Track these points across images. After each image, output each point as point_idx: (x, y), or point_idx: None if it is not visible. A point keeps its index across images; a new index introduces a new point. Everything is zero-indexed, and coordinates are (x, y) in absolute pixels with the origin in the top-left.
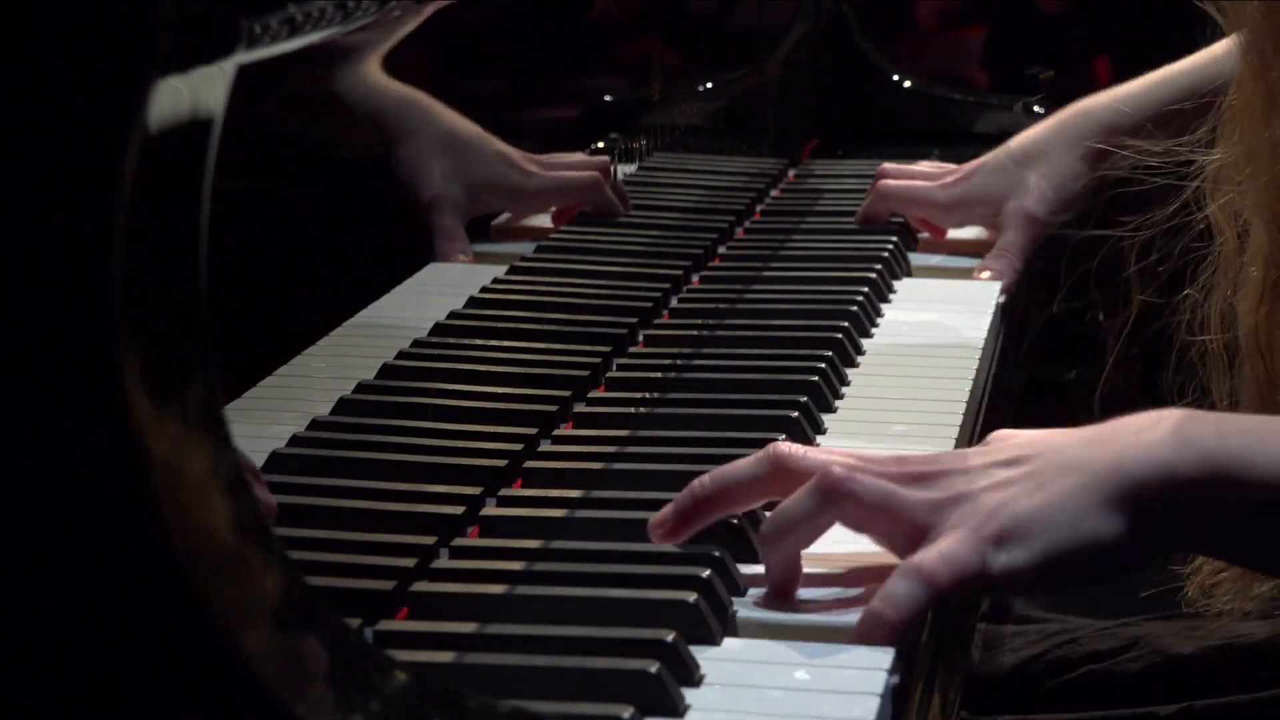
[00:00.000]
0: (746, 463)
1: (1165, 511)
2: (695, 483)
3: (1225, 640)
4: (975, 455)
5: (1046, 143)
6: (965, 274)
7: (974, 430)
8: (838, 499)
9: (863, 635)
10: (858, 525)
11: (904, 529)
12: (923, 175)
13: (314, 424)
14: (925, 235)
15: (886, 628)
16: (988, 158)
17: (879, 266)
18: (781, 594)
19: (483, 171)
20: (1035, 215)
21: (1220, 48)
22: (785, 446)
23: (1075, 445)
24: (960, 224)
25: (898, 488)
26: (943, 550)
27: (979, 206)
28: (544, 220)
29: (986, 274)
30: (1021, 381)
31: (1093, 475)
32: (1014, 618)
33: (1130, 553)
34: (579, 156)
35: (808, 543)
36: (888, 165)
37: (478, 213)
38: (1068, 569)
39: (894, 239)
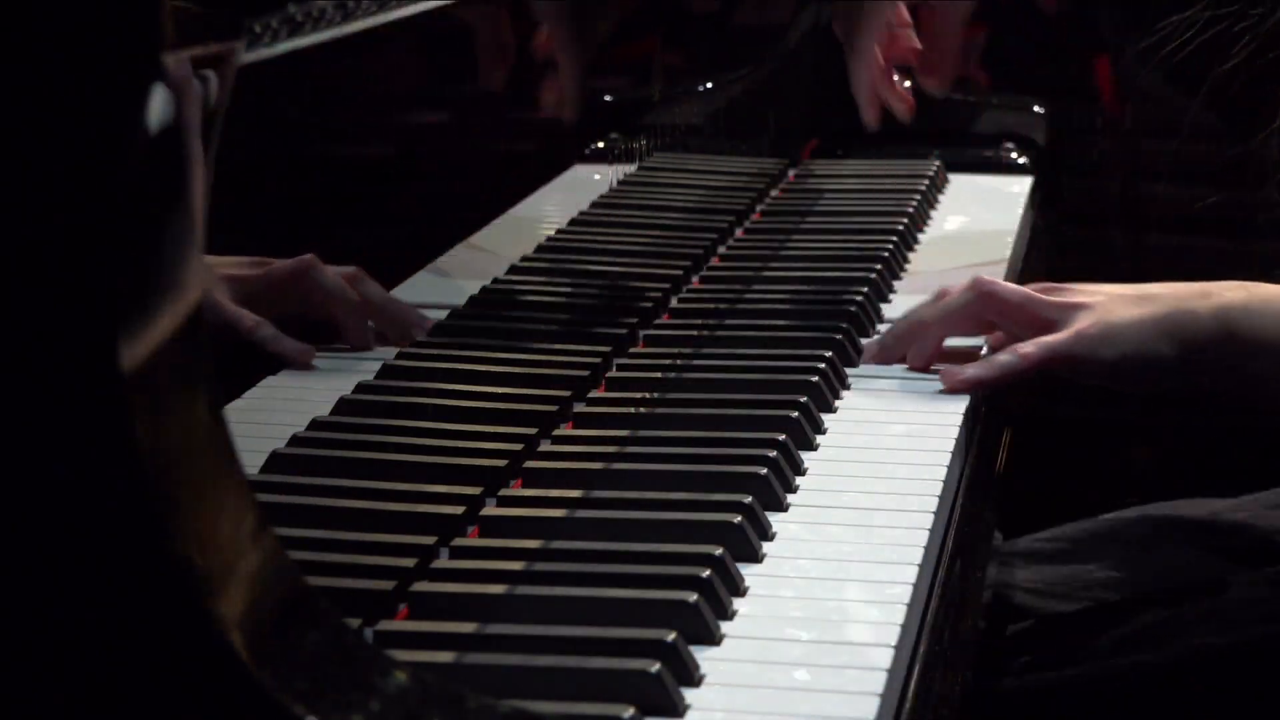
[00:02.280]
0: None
1: (1200, 352)
2: (911, 315)
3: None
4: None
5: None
6: None
7: (973, 428)
8: (987, 296)
9: (951, 385)
10: (1000, 315)
11: (1033, 322)
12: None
13: (314, 424)
14: None
15: (973, 381)
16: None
17: (879, 266)
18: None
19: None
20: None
21: None
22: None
23: (1163, 291)
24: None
25: (1034, 293)
26: (1043, 341)
27: None
28: None
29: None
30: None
31: (1164, 312)
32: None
33: (1173, 375)
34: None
35: (950, 332)
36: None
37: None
38: (1132, 374)
39: (894, 239)
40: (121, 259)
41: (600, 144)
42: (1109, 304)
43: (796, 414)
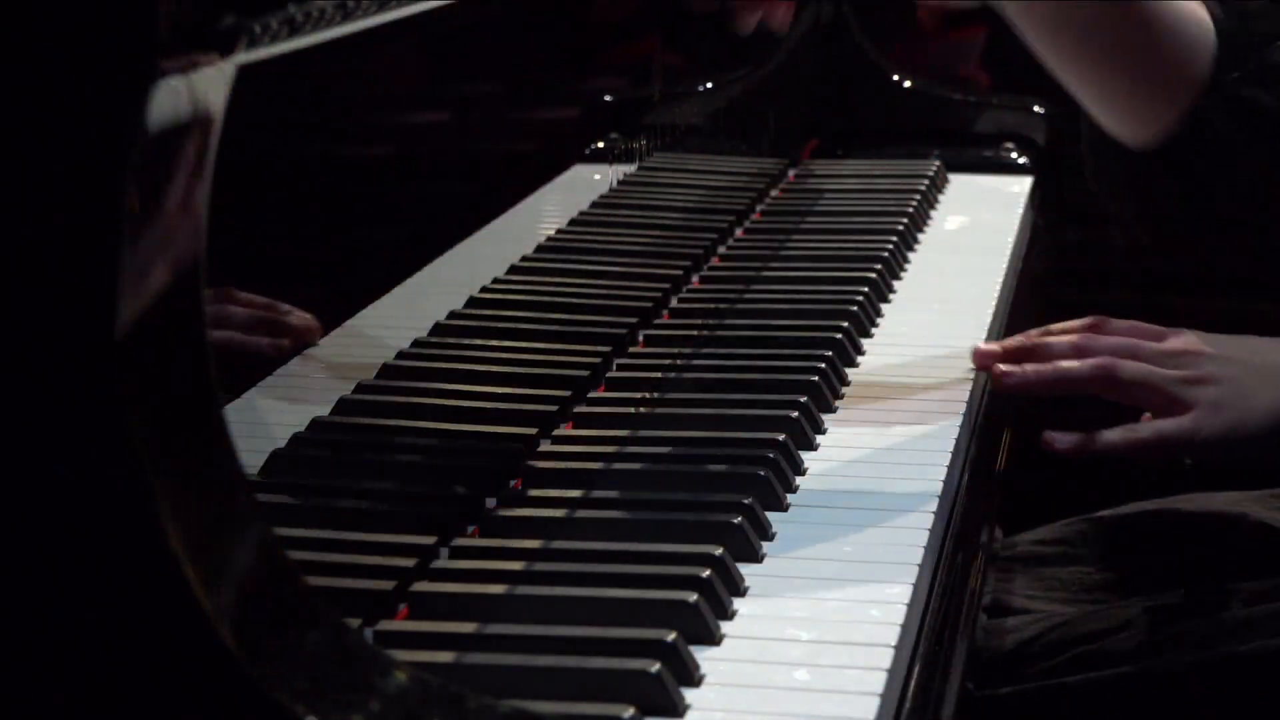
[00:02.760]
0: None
1: None
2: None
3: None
4: (1208, 340)
5: None
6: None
7: (973, 428)
8: (1106, 379)
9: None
10: (1121, 399)
11: (1153, 400)
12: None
13: (314, 424)
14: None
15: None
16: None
17: (879, 266)
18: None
19: None
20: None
21: None
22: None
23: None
24: None
25: (1155, 370)
26: (1162, 428)
27: None
28: None
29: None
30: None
31: None
32: (1014, 610)
33: None
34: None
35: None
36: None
37: None
38: (1253, 459)
39: (894, 239)
40: (121, 258)
41: (600, 144)
42: (1239, 382)
43: (796, 414)
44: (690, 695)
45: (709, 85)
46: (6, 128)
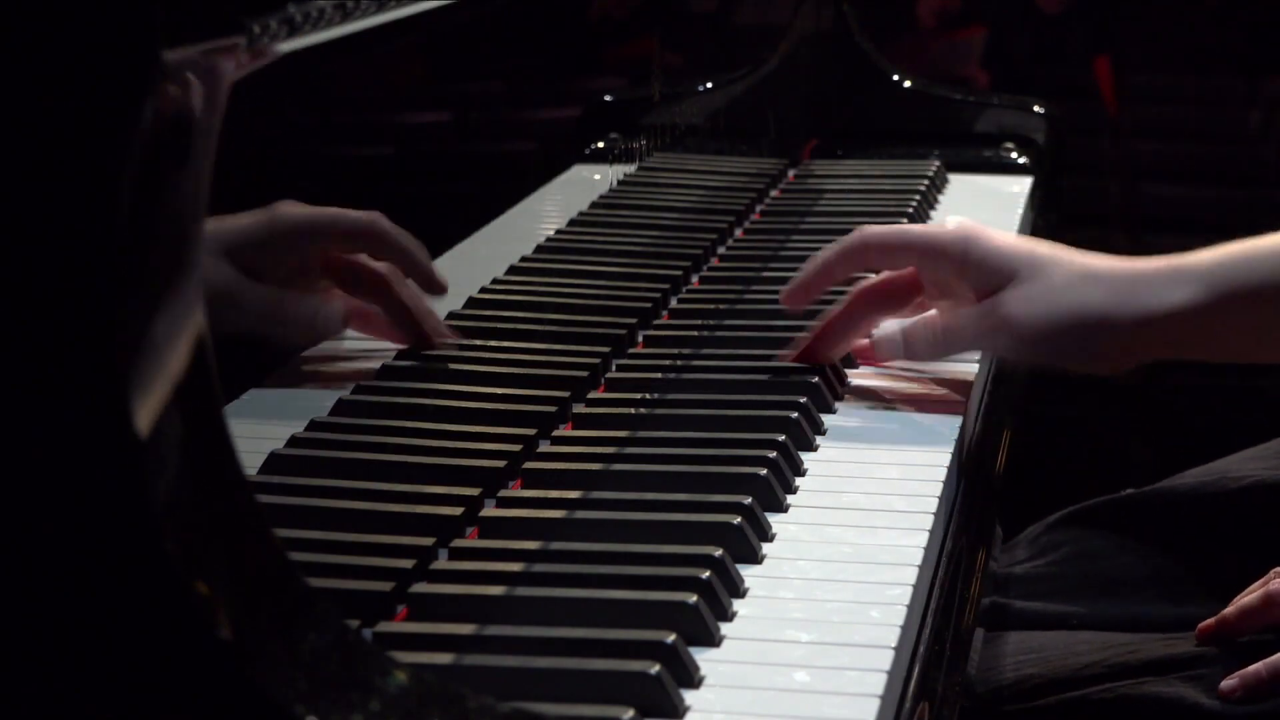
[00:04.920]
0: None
1: None
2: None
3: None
4: None
5: (1094, 263)
6: None
7: (973, 429)
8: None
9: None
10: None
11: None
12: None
13: (313, 424)
14: None
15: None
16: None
17: None
18: None
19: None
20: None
21: None
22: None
23: None
24: None
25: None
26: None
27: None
28: None
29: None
30: (1024, 378)
31: None
32: (1014, 621)
33: None
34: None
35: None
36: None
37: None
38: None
39: None
40: (120, 258)
41: (600, 144)
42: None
43: (796, 414)
44: (690, 697)
45: (709, 85)
46: (7, 128)
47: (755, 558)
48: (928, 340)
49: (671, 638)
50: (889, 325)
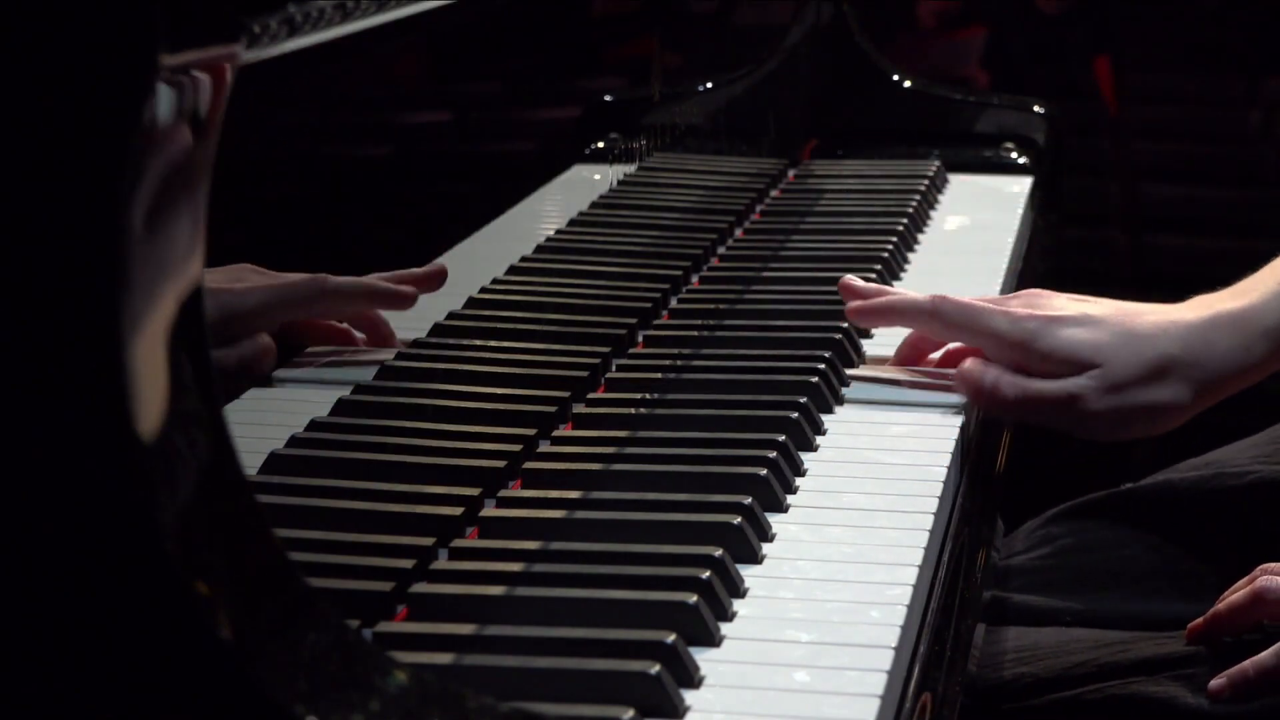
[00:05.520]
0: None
1: None
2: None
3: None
4: None
5: (1163, 346)
6: None
7: (973, 428)
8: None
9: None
10: None
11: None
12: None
13: (313, 424)
14: None
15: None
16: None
17: (879, 267)
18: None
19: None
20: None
21: None
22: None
23: None
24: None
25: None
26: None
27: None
28: None
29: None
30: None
31: None
32: (1012, 616)
33: None
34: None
35: None
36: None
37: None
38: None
39: (894, 239)
40: (121, 258)
41: (600, 144)
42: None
43: (796, 414)
44: (690, 697)
45: (709, 85)
46: (7, 128)
47: (755, 558)
48: (1012, 402)
49: (671, 638)
50: (979, 366)
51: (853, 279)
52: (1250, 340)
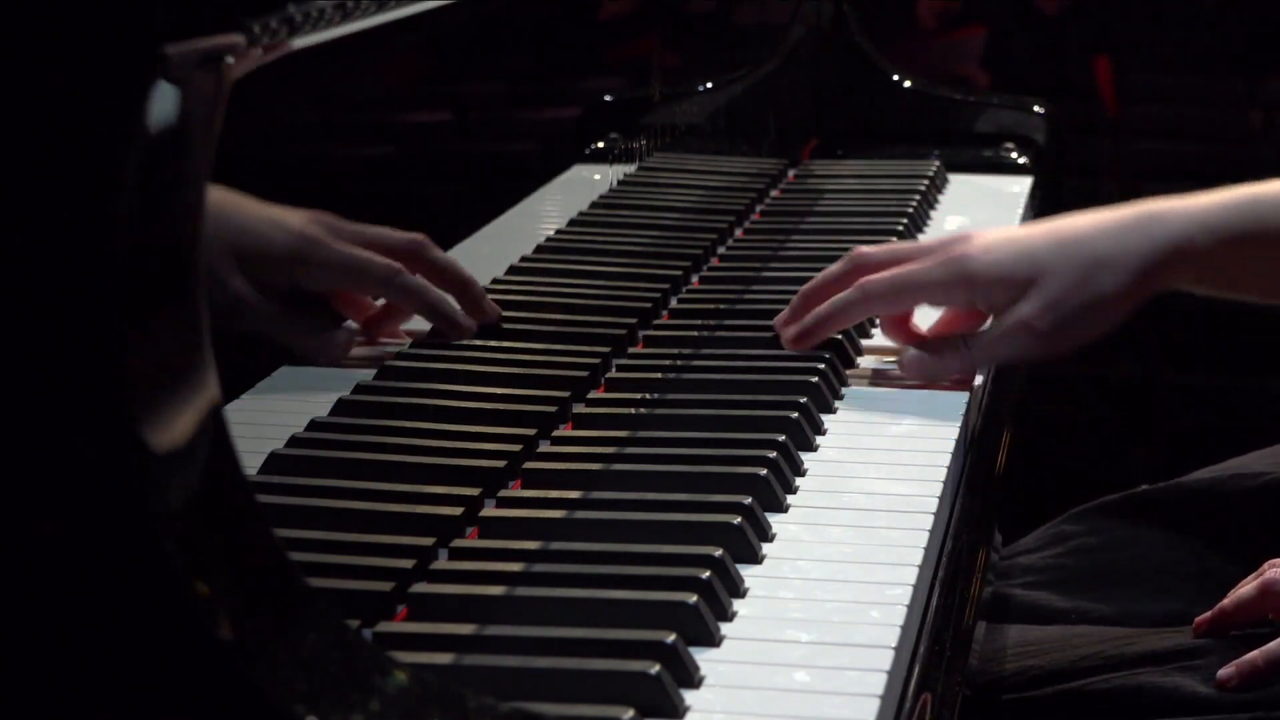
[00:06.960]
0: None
1: None
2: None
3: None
4: None
5: (1097, 244)
6: None
7: (973, 428)
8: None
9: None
10: None
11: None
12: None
13: (313, 424)
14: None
15: None
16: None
17: None
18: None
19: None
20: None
21: None
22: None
23: None
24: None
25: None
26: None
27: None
28: None
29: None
30: (1023, 379)
31: None
32: (1015, 613)
33: None
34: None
35: None
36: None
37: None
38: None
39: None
40: (120, 258)
41: (600, 144)
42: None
43: (796, 414)
44: (690, 697)
45: (709, 85)
46: (7, 127)
47: (755, 558)
48: (959, 361)
49: (671, 638)
50: (914, 352)
51: (779, 319)
52: (1193, 231)
